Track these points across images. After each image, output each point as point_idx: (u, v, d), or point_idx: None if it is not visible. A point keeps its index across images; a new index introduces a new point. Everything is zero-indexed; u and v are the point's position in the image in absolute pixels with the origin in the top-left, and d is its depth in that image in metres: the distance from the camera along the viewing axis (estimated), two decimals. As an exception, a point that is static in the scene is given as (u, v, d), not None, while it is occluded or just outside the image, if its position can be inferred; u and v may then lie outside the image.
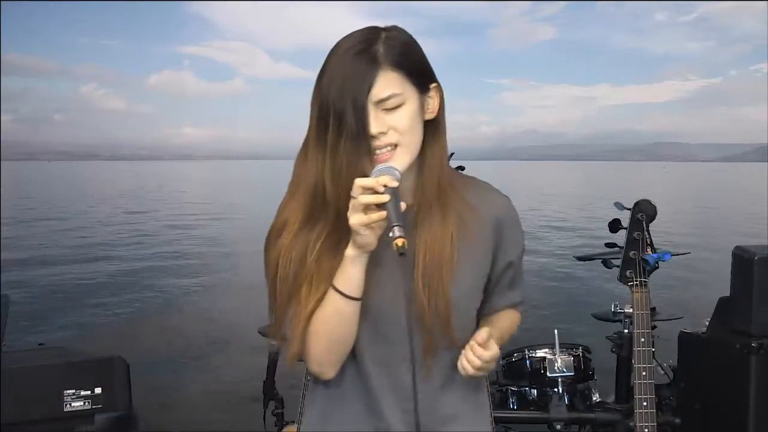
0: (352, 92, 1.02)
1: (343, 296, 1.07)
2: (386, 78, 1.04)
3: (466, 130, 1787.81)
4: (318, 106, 1.05)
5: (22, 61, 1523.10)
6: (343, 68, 1.03)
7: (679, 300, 7.31)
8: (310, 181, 1.07)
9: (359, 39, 1.05)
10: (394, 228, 0.99)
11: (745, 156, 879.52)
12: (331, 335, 1.09)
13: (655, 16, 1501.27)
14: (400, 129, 1.05)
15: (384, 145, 1.05)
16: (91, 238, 15.39)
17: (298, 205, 1.10)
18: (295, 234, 1.10)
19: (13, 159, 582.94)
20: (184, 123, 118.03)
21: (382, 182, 1.00)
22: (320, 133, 1.05)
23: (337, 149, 1.03)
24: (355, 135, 1.02)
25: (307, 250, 1.09)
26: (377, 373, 1.15)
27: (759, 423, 2.41)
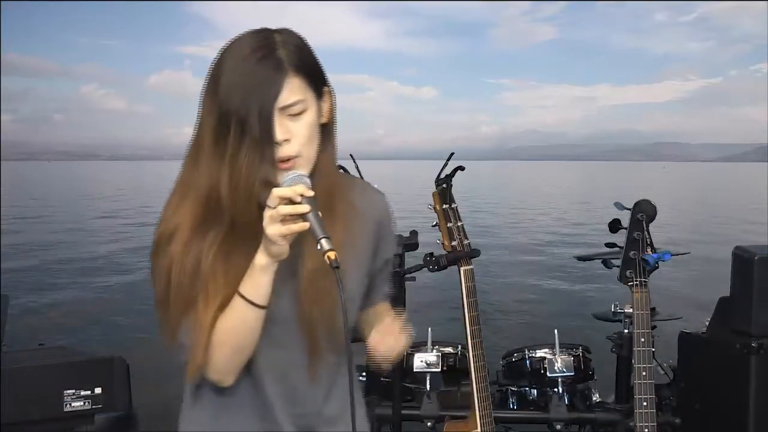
0: (258, 99, 1.00)
1: (250, 304, 1.06)
2: (291, 84, 1.03)
3: (466, 130, 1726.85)
4: (217, 112, 1.02)
5: (23, 61, 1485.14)
6: (245, 74, 1.01)
7: (679, 300, 7.30)
8: (203, 187, 1.05)
9: (258, 43, 1.03)
10: (322, 241, 0.98)
11: (745, 156, 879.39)
12: (236, 344, 1.08)
13: (655, 16, 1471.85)
14: (302, 139, 1.05)
15: (285, 155, 1.03)
16: (90, 238, 15.39)
17: (188, 211, 1.07)
18: (187, 241, 1.07)
19: (13, 159, 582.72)
20: (184, 123, 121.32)
21: (299, 192, 0.99)
22: (218, 139, 1.02)
23: (237, 157, 1.01)
24: (258, 142, 1.00)
25: (201, 258, 1.06)
26: (270, 379, 1.14)
27: (759, 423, 2.41)
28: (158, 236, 1.10)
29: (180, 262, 1.06)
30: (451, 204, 2.06)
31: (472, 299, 2.03)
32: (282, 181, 1.02)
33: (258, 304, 1.06)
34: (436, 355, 2.93)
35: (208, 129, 1.04)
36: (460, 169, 2.16)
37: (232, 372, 1.11)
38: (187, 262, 1.06)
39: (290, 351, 1.14)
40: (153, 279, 1.12)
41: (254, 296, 1.06)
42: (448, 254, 2.05)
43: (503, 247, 13.75)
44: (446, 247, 2.05)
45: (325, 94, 1.11)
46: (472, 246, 2.06)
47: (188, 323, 1.07)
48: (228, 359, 1.09)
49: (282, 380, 1.15)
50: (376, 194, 1.29)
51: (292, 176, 1.02)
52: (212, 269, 1.06)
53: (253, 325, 1.07)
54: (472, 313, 2.03)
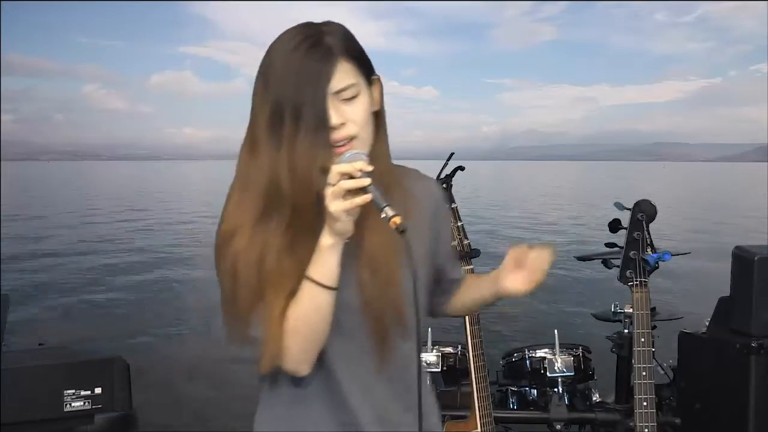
0: (310, 85, 1.02)
1: (321, 287, 1.06)
2: (342, 68, 1.05)
3: (467, 130, 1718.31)
4: (270, 104, 1.03)
5: (23, 61, 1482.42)
6: (296, 64, 1.02)
7: (679, 300, 7.31)
8: (263, 179, 1.05)
9: (305, 34, 1.05)
10: (386, 208, 0.99)
11: (745, 156, 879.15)
12: (309, 330, 1.08)
13: (655, 17, 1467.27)
14: (358, 121, 1.06)
15: (342, 138, 1.05)
16: (91, 238, 15.38)
17: (249, 205, 1.08)
18: (250, 235, 1.07)
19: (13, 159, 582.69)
20: (185, 123, 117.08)
21: (358, 167, 1.00)
22: (273, 130, 1.03)
23: (294, 144, 1.02)
24: (314, 127, 1.02)
25: (266, 249, 1.07)
26: (342, 367, 1.14)
27: (759, 423, 2.41)
28: (221, 234, 1.11)
29: (245, 256, 1.07)
30: (451, 204, 2.06)
31: (472, 299, 2.03)
32: (340, 160, 1.03)
33: (328, 285, 1.06)
34: (436, 355, 2.93)
35: (262, 122, 1.05)
36: (460, 169, 2.16)
37: (307, 360, 1.11)
38: (252, 254, 1.07)
39: (356, 337, 1.13)
40: (219, 278, 1.13)
41: (323, 278, 1.06)
42: (448, 254, 2.04)
43: (503, 247, 13.72)
44: (446, 247, 2.05)
45: (374, 82, 1.13)
46: (472, 246, 2.06)
47: (258, 316, 1.08)
48: (302, 347, 1.09)
49: (353, 368, 1.15)
50: (430, 181, 1.31)
51: (349, 154, 1.03)
52: (278, 259, 1.07)
53: (324, 309, 1.07)
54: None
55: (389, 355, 1.15)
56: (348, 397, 1.14)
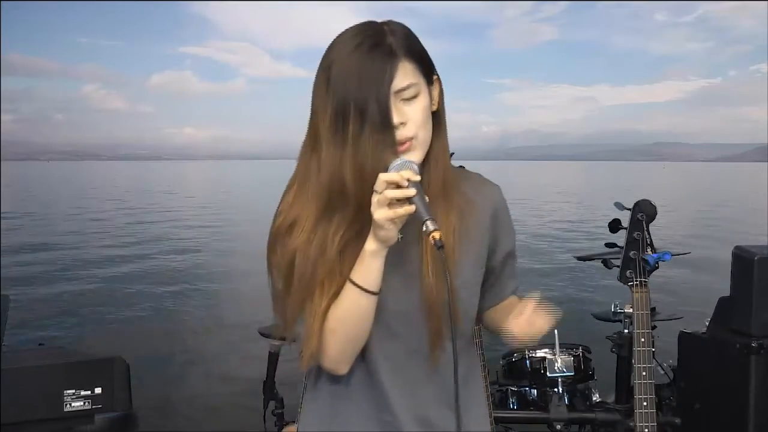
0: (374, 84, 1.02)
1: (362, 291, 1.06)
2: (404, 68, 1.05)
3: (467, 130, 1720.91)
4: (334, 101, 1.03)
5: (24, 61, 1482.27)
6: (359, 63, 1.03)
7: (679, 300, 7.30)
8: (327, 175, 1.05)
9: (367, 33, 1.05)
10: (427, 222, 0.99)
11: (745, 156, 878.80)
12: (348, 331, 1.09)
13: (655, 17, 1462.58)
14: (417, 121, 1.06)
15: (403, 138, 1.05)
16: (91, 238, 15.39)
17: (309, 202, 1.09)
18: (311, 230, 1.08)
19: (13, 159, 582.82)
20: (185, 123, 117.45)
21: (406, 176, 1.00)
22: (337, 128, 1.04)
23: (359, 142, 1.02)
24: (379, 126, 1.02)
25: (326, 244, 1.07)
26: (386, 367, 1.15)
27: (759, 423, 2.41)
28: (276, 227, 1.12)
29: (304, 251, 1.07)
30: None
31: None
32: (389, 167, 1.03)
33: (369, 290, 1.07)
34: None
35: (325, 119, 1.05)
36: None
37: (346, 360, 1.12)
38: (311, 251, 1.07)
39: (405, 340, 1.14)
40: (271, 270, 1.13)
41: (365, 282, 1.06)
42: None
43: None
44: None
45: (434, 82, 1.13)
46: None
47: (306, 312, 1.09)
48: (341, 347, 1.10)
49: (398, 370, 1.15)
50: (490, 185, 1.29)
51: (399, 162, 1.04)
52: (339, 256, 1.08)
53: (365, 313, 1.08)
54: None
55: (439, 359, 1.15)
56: (390, 397, 1.15)
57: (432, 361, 1.15)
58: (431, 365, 1.15)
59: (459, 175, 1.22)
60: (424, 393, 1.17)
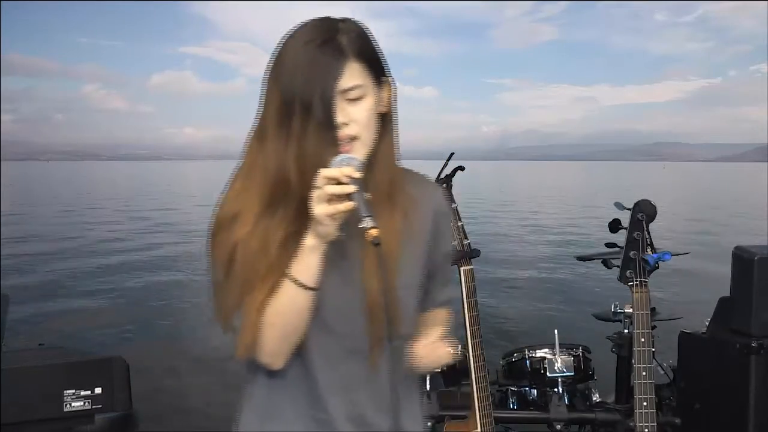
0: (320, 82, 1.02)
1: (300, 286, 1.06)
2: (351, 69, 1.05)
3: (467, 130, 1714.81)
4: (281, 95, 1.04)
5: (24, 61, 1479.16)
6: (307, 58, 1.03)
7: (679, 300, 7.30)
8: (271, 169, 1.06)
9: (320, 29, 1.06)
10: (366, 219, 0.99)
11: (745, 156, 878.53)
12: (285, 326, 1.09)
13: (655, 17, 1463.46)
14: (361, 121, 1.07)
15: (345, 136, 1.06)
16: (91, 238, 15.38)
17: (254, 193, 1.09)
18: (254, 223, 1.08)
19: (13, 159, 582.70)
20: (185, 123, 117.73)
21: (346, 173, 1.00)
22: (283, 121, 1.04)
23: (303, 138, 1.03)
24: (322, 124, 1.02)
25: (269, 239, 1.07)
26: (322, 365, 1.15)
27: (759, 423, 2.41)
28: (220, 217, 1.11)
29: (245, 244, 1.07)
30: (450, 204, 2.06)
31: (472, 299, 2.04)
32: (331, 163, 1.03)
33: (306, 285, 1.07)
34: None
35: (272, 112, 1.05)
36: (460, 169, 2.16)
37: (281, 355, 1.12)
38: (253, 244, 1.07)
39: (343, 339, 1.14)
40: (212, 259, 1.13)
41: (303, 277, 1.06)
42: (448, 254, 2.04)
43: (503, 246, 13.74)
44: (446, 247, 2.05)
45: (384, 84, 1.13)
46: (471, 246, 2.06)
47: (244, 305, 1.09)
48: (277, 341, 1.10)
49: (334, 368, 1.15)
50: (434, 187, 1.30)
51: (340, 158, 1.04)
52: (279, 252, 1.07)
53: (302, 308, 1.08)
54: (472, 313, 2.03)
55: (378, 360, 1.15)
56: (325, 395, 1.15)
57: (370, 362, 1.15)
58: (369, 366, 1.15)
59: (404, 176, 1.22)
60: (360, 393, 1.16)
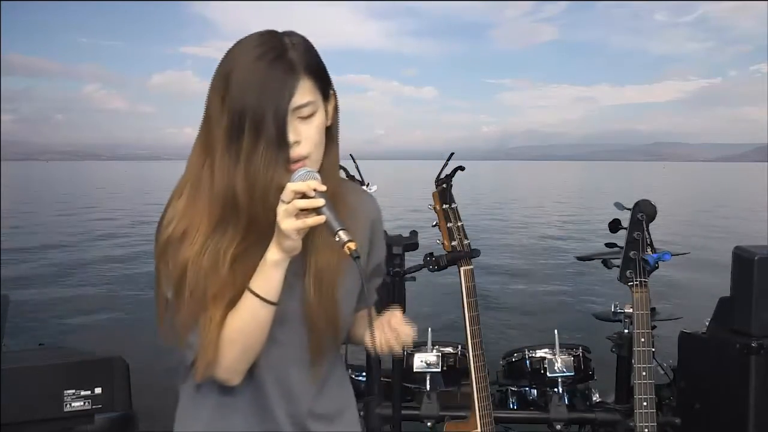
0: (272, 100, 1.00)
1: (262, 301, 1.06)
2: (303, 85, 1.04)
3: (467, 130, 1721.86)
4: (230, 111, 1.02)
5: (23, 61, 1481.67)
6: (259, 75, 1.01)
7: (679, 300, 7.30)
8: (219, 187, 1.04)
9: (269, 45, 1.04)
10: (340, 232, 0.99)
11: (745, 156, 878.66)
12: (246, 342, 1.08)
13: (655, 17, 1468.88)
14: (312, 140, 1.06)
15: (297, 156, 1.05)
16: (90, 238, 15.39)
17: (201, 211, 1.07)
18: (203, 242, 1.06)
19: (13, 159, 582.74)
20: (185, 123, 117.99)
21: (313, 186, 1.00)
22: (231, 138, 1.02)
23: (253, 157, 1.01)
24: (274, 143, 1.01)
25: (219, 258, 1.06)
26: (271, 378, 1.15)
27: (759, 423, 2.41)
28: (168, 235, 1.09)
29: (196, 263, 1.06)
30: (451, 204, 2.06)
31: (472, 299, 2.03)
32: (293, 177, 1.03)
33: (269, 300, 1.06)
34: (436, 355, 2.93)
35: (220, 129, 1.04)
36: (460, 169, 2.15)
37: (240, 370, 1.11)
38: (204, 262, 1.06)
39: (288, 349, 1.14)
40: (160, 278, 1.11)
41: (265, 292, 1.06)
42: (448, 254, 2.05)
43: (503, 247, 13.75)
44: (446, 247, 2.05)
45: (330, 97, 1.12)
46: (472, 246, 2.06)
47: (201, 322, 1.07)
48: (237, 357, 1.09)
49: (281, 379, 1.15)
50: (369, 198, 1.32)
51: (302, 172, 1.03)
52: (231, 269, 1.07)
53: (263, 322, 1.08)
54: (472, 313, 2.03)
55: (320, 368, 1.17)
56: (274, 408, 1.15)
57: (313, 371, 1.16)
58: (313, 375, 1.16)
59: (344, 188, 1.21)
60: (302, 402, 1.17)
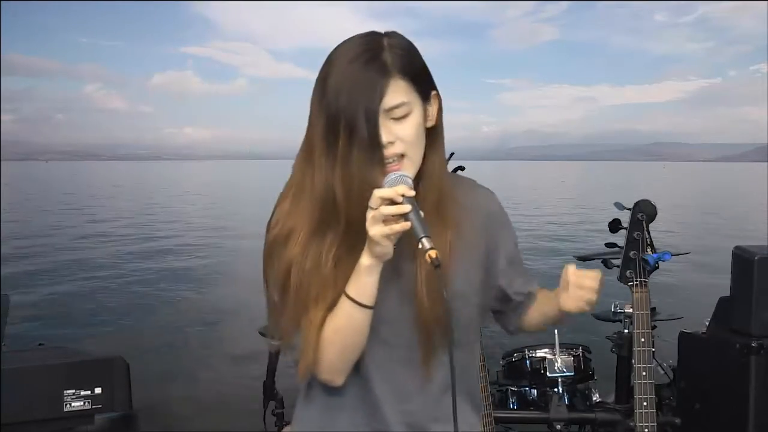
0: (363, 101, 1.02)
1: (357, 305, 1.07)
2: (396, 86, 1.05)
3: (467, 130, 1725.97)
4: (326, 114, 1.04)
5: (24, 61, 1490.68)
6: (352, 77, 1.03)
7: (679, 300, 7.30)
8: (319, 189, 1.06)
9: (364, 47, 1.05)
10: (423, 240, 1.00)
11: (745, 156, 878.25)
12: (344, 343, 1.10)
13: (655, 17, 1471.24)
14: (407, 139, 1.06)
15: (391, 155, 1.06)
16: (90, 238, 15.39)
17: (304, 213, 1.09)
18: (306, 243, 1.08)
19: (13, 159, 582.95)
20: (185, 123, 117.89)
21: (400, 192, 1.01)
22: (329, 141, 1.04)
23: (349, 159, 1.03)
24: (367, 145, 1.02)
25: (321, 259, 1.08)
26: (378, 377, 1.15)
27: (759, 423, 2.41)
28: (273, 238, 1.12)
29: (299, 264, 1.08)
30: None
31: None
32: (383, 182, 1.03)
33: (364, 304, 1.07)
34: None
35: (318, 130, 1.05)
36: (461, 169, 2.16)
37: (341, 372, 1.13)
38: (306, 263, 1.08)
39: (399, 350, 1.15)
40: (267, 280, 1.14)
41: (360, 297, 1.07)
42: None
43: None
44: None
45: (432, 98, 1.12)
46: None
47: (303, 323, 1.09)
48: (337, 359, 1.11)
49: (391, 379, 1.15)
50: (483, 191, 1.30)
51: (393, 177, 1.04)
52: (332, 271, 1.08)
53: (360, 326, 1.09)
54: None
55: (434, 369, 1.16)
56: (382, 407, 1.15)
57: (424, 372, 1.15)
58: (423, 376, 1.15)
59: (453, 184, 1.22)
60: (414, 402, 1.17)
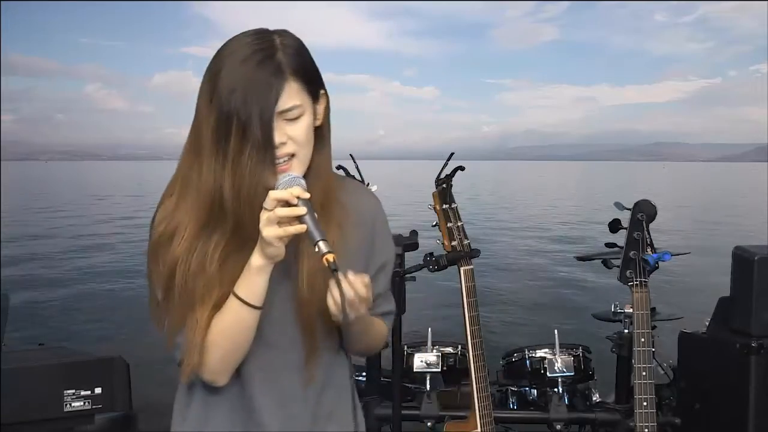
0: (258, 103, 1.00)
1: (246, 305, 1.06)
2: (290, 89, 1.04)
3: (467, 130, 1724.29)
4: (217, 112, 1.02)
5: (24, 61, 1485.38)
6: (245, 77, 1.01)
7: (679, 300, 7.30)
8: (207, 188, 1.04)
9: (257, 46, 1.03)
10: (320, 243, 0.99)
11: (745, 156, 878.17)
12: (230, 344, 1.09)
13: (655, 17, 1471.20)
14: (299, 140, 1.06)
15: (282, 155, 1.05)
16: (91, 238, 15.39)
17: (190, 210, 1.08)
18: (191, 242, 1.07)
19: (13, 159, 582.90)
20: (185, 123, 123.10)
21: (295, 194, 1.00)
22: (219, 140, 1.02)
23: (240, 159, 1.01)
24: (260, 146, 1.01)
25: (206, 259, 1.06)
26: (259, 378, 1.14)
27: (759, 423, 2.41)
28: (158, 236, 1.10)
29: (185, 263, 1.07)
30: (451, 204, 2.06)
31: (472, 299, 2.04)
32: (277, 184, 1.03)
33: (253, 304, 1.06)
34: (436, 355, 2.93)
35: (208, 129, 1.04)
36: (461, 169, 2.16)
37: (226, 372, 1.12)
38: (191, 262, 1.06)
39: (283, 352, 1.14)
40: (151, 278, 1.12)
41: (249, 297, 1.06)
42: (448, 254, 2.05)
43: (503, 247, 13.74)
44: (446, 247, 2.05)
45: (320, 97, 1.12)
46: (471, 246, 2.06)
47: (188, 323, 1.08)
48: (222, 359, 1.10)
49: (273, 381, 1.15)
50: (370, 196, 1.29)
51: (287, 178, 1.03)
52: (218, 270, 1.07)
53: (248, 326, 1.08)
54: (472, 313, 2.03)
55: (315, 369, 1.16)
56: (260, 409, 1.14)
57: (306, 375, 1.15)
58: (304, 378, 1.15)
59: (339, 186, 1.20)
60: (294, 406, 1.16)
